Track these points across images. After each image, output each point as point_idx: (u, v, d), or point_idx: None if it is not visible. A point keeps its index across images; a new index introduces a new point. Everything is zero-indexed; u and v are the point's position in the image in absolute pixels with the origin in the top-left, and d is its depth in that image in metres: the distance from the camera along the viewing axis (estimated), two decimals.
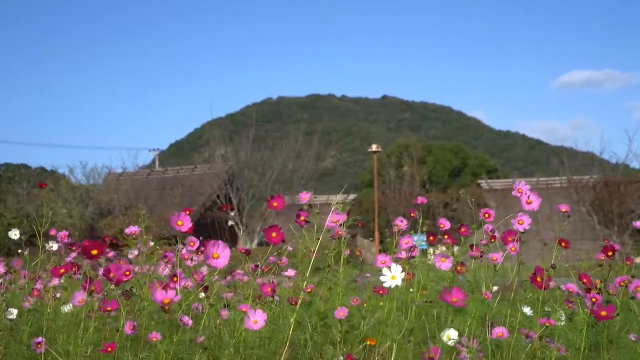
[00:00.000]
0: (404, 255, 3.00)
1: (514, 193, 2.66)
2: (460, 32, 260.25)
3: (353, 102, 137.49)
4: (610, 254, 2.80)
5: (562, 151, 35.34)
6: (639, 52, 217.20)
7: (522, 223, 2.67)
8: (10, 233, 3.42)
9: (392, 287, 2.44)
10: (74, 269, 2.70)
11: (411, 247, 3.03)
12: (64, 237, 3.30)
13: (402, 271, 2.52)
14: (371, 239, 31.64)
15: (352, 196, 39.20)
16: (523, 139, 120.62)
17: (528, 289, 2.85)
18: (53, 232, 3.28)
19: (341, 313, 2.61)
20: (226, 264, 2.06)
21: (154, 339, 2.17)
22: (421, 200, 3.24)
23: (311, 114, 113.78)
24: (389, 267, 2.42)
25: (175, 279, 2.42)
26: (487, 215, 2.78)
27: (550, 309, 2.73)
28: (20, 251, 3.47)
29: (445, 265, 2.76)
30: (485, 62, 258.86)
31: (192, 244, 2.56)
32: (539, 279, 2.50)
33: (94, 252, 1.97)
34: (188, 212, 2.41)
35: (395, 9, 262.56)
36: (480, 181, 39.46)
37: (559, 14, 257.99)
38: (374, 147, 33.42)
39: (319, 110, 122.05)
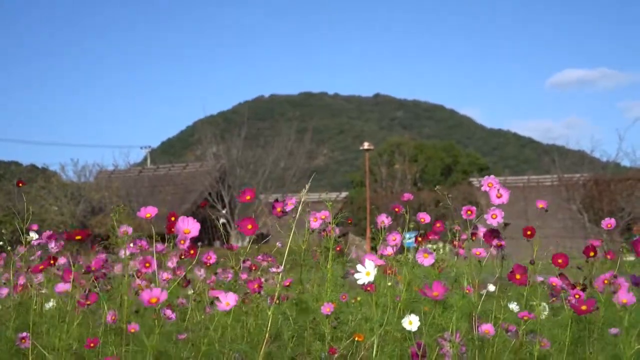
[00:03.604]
0: (390, 251, 3.02)
1: (482, 188, 2.67)
2: (453, 30, 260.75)
3: (345, 100, 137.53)
4: (592, 254, 2.82)
5: (553, 149, 35.47)
6: (633, 51, 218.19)
7: (495, 217, 2.67)
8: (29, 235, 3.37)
9: (365, 283, 2.45)
10: (52, 263, 2.68)
11: (397, 244, 3.04)
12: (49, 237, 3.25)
13: (386, 267, 2.53)
14: (362, 236, 31.69)
15: (343, 194, 39.23)
16: (515, 137, 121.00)
17: (510, 286, 2.87)
18: (35, 227, 3.25)
19: (327, 308, 2.62)
20: (196, 235, 2.07)
21: (132, 330, 2.18)
22: (407, 196, 3.26)
23: (303, 111, 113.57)
24: (363, 264, 2.43)
25: (147, 264, 2.42)
26: (469, 212, 2.79)
27: (534, 303, 2.75)
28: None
29: (428, 260, 2.77)
30: (478, 61, 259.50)
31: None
32: (517, 276, 2.52)
33: (78, 238, 1.98)
34: (173, 218, 2.42)
35: (388, 7, 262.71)
36: (471, 179, 39.56)
37: (553, 11, 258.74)
38: (366, 145, 33.43)
39: (311, 108, 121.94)
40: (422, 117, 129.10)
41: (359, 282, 2.42)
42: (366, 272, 2.39)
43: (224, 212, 31.18)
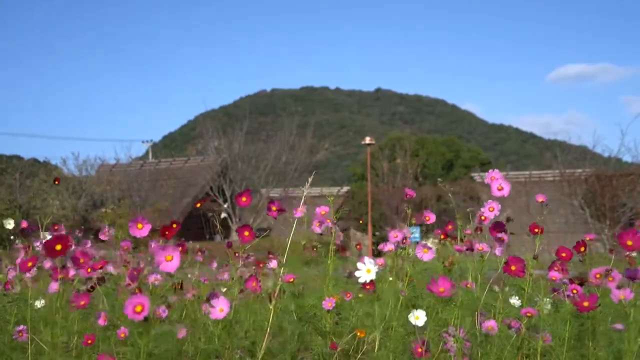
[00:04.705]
0: (390, 247, 3.00)
1: (486, 180, 2.66)
2: (455, 25, 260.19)
3: (346, 94, 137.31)
4: (582, 249, 2.82)
5: (554, 145, 35.38)
6: (634, 45, 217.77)
7: (492, 210, 2.66)
8: (5, 222, 3.32)
9: (367, 281, 2.39)
10: (31, 264, 2.62)
11: (402, 240, 3.02)
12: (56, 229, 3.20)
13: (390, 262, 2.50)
14: (364, 231, 31.68)
15: (345, 188, 39.19)
16: (516, 132, 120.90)
17: (508, 279, 2.85)
18: (24, 225, 3.17)
19: (329, 304, 2.59)
20: (178, 266, 1.97)
21: (122, 335, 2.13)
22: (410, 193, 3.23)
23: (304, 106, 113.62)
24: (363, 262, 2.38)
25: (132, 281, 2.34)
26: (491, 209, 2.76)
27: (537, 298, 2.73)
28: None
29: (427, 256, 2.74)
30: (480, 55, 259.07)
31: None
32: (512, 268, 2.50)
33: (58, 248, 1.90)
34: (175, 225, 2.33)
35: (390, 2, 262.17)
36: (473, 174, 39.47)
37: (554, 5, 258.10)
38: (367, 140, 33.35)
39: (313, 102, 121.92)
40: (424, 111, 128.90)
41: (360, 280, 2.37)
42: (367, 270, 2.34)
43: (225, 206, 31.17)
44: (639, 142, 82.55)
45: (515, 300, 2.78)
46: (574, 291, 2.53)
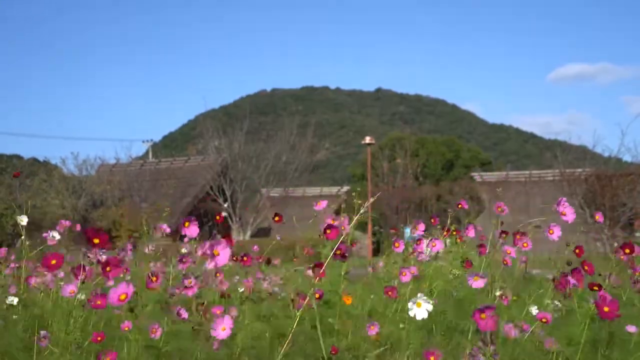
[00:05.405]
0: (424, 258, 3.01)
1: (553, 207, 2.68)
2: (455, 24, 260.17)
3: (347, 94, 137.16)
4: (627, 251, 2.81)
5: (555, 144, 35.39)
6: (635, 45, 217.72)
7: (552, 233, 2.68)
8: (18, 218, 3.35)
9: (418, 317, 2.24)
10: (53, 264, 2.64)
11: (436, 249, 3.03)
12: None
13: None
14: (363, 230, 31.67)
15: (345, 188, 39.16)
16: (516, 133, 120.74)
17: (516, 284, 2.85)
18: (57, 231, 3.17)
19: (372, 327, 2.50)
20: (226, 262, 2.01)
21: (126, 329, 2.16)
22: (463, 204, 3.28)
23: (305, 106, 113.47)
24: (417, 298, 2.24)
25: (154, 278, 2.39)
26: (551, 232, 2.76)
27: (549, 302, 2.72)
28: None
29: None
30: (480, 55, 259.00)
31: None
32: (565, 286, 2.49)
33: (96, 241, 1.95)
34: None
35: (390, 1, 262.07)
36: (473, 174, 39.43)
37: (554, 5, 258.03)
38: (368, 139, 33.32)
39: (313, 102, 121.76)
40: (424, 111, 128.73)
41: (411, 314, 2.25)
42: (417, 303, 2.23)
43: (225, 205, 31.18)
44: (639, 142, 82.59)
45: (534, 309, 2.75)
46: (601, 297, 2.51)
